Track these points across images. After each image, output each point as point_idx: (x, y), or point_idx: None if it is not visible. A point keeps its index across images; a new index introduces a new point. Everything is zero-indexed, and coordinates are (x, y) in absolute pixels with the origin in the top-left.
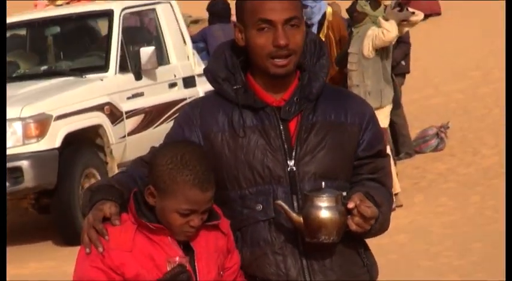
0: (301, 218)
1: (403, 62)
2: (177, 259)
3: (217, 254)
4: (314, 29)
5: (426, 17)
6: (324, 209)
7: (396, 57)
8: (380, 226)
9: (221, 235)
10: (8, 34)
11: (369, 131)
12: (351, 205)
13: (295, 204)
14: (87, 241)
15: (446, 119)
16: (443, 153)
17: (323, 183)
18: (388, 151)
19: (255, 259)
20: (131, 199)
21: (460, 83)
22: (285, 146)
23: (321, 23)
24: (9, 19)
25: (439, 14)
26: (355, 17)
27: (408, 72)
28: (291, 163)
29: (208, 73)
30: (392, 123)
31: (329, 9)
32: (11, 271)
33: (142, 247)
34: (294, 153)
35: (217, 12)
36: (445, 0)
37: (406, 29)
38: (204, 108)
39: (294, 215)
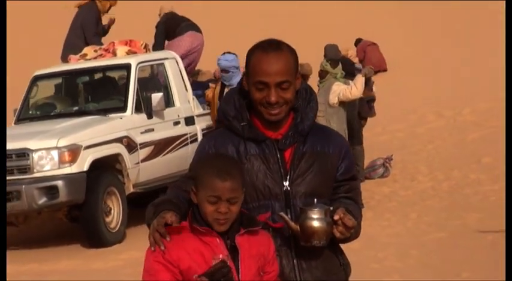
0: (298, 227)
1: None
2: (221, 256)
3: (258, 257)
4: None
5: (376, 72)
6: (316, 220)
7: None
8: (355, 233)
9: (263, 242)
10: (48, 82)
11: (346, 160)
12: (336, 217)
13: (289, 216)
14: (152, 241)
15: (390, 152)
16: (387, 179)
17: (315, 199)
18: None
19: None
20: (190, 211)
21: (401, 124)
22: (281, 170)
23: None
24: (49, 70)
25: (385, 70)
26: (319, 74)
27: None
28: (286, 183)
29: (220, 112)
30: (356, 157)
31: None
32: (47, 267)
33: (194, 246)
34: (288, 176)
35: None
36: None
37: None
38: (217, 140)
39: (292, 224)
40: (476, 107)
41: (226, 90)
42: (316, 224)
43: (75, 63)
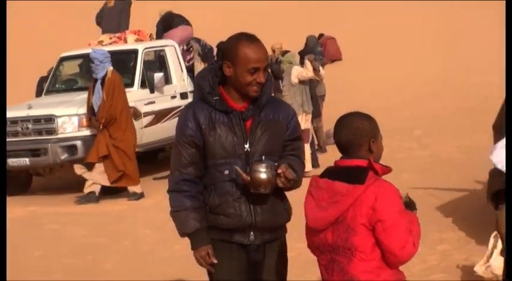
0: (249, 178)
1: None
2: None
3: None
4: (99, 83)
5: (332, 61)
6: (263, 173)
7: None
8: (296, 183)
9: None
10: (72, 62)
11: (292, 124)
12: (279, 171)
13: (248, 170)
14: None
15: None
16: None
17: (263, 157)
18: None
19: (221, 204)
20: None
21: (351, 101)
22: (244, 135)
23: (103, 79)
24: (73, 52)
25: (340, 59)
26: (281, 68)
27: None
28: (247, 145)
29: (197, 87)
30: (314, 127)
31: (110, 69)
32: (67, 210)
33: None
34: (248, 139)
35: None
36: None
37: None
38: (194, 109)
39: (244, 175)
40: (406, 95)
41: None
42: (262, 176)
43: (94, 48)
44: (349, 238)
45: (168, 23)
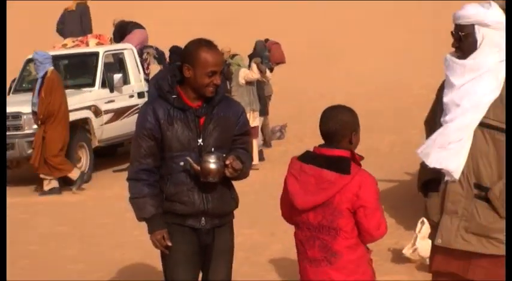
0: (199, 167)
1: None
2: None
3: None
4: (39, 82)
5: (277, 64)
6: (212, 163)
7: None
8: (243, 174)
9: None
10: None
11: (241, 120)
12: (227, 162)
13: (192, 163)
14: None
15: (285, 121)
16: (283, 140)
17: (212, 149)
18: (260, 140)
19: (176, 193)
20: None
21: (294, 102)
22: (197, 130)
23: (42, 78)
24: None
25: (284, 62)
26: (230, 70)
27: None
28: (200, 140)
29: (157, 86)
30: (263, 124)
31: (50, 69)
32: (32, 200)
33: None
34: (201, 134)
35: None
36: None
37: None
38: (154, 106)
39: (195, 166)
40: (346, 95)
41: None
42: (212, 166)
43: (59, 50)
44: (335, 219)
45: (123, 29)
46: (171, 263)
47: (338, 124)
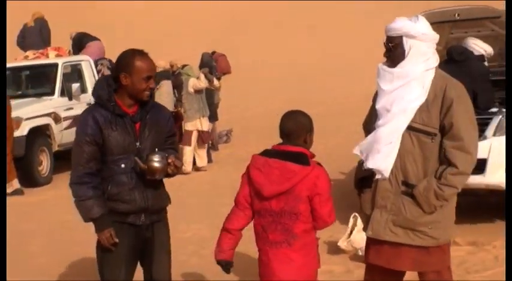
0: (146, 166)
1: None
2: None
3: None
4: None
5: (224, 74)
6: (157, 162)
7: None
8: (178, 171)
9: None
10: None
11: (169, 123)
12: (170, 160)
13: (140, 162)
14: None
15: (231, 126)
16: (229, 144)
17: (156, 149)
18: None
19: (118, 193)
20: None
21: (239, 108)
22: (135, 135)
23: None
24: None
25: (230, 72)
26: (180, 79)
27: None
28: (138, 143)
29: (96, 95)
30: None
31: None
32: None
33: None
34: (139, 138)
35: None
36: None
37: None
38: (95, 114)
39: (141, 165)
40: (284, 101)
41: None
42: (157, 164)
43: (21, 62)
44: (296, 205)
45: (80, 42)
46: (112, 260)
47: (295, 125)
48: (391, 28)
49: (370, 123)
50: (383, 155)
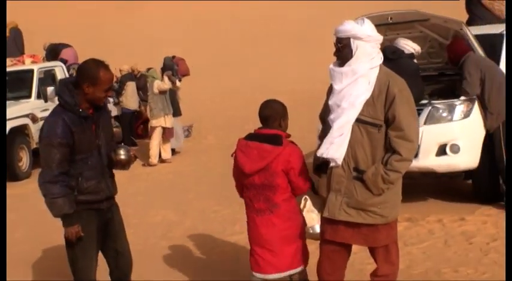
0: (116, 159)
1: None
2: None
3: None
4: None
5: (183, 76)
6: (125, 155)
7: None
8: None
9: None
10: None
11: (111, 121)
12: (132, 153)
13: (102, 157)
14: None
15: (192, 122)
16: (190, 138)
17: (122, 143)
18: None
19: (88, 186)
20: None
21: (199, 106)
22: (95, 133)
23: None
24: None
25: (188, 75)
26: (144, 80)
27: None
28: (98, 140)
29: (62, 100)
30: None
31: None
32: None
33: None
34: (97, 136)
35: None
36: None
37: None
38: (64, 117)
39: (119, 157)
40: (237, 101)
41: None
42: (125, 157)
43: None
44: (274, 179)
45: (54, 51)
46: (87, 244)
47: (270, 111)
48: (340, 30)
49: (325, 115)
50: (336, 145)
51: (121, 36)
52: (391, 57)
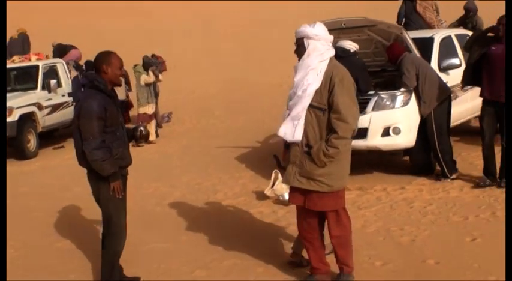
0: (141, 134)
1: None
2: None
3: None
4: None
5: (161, 71)
6: (145, 131)
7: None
8: None
9: None
10: None
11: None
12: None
13: (125, 130)
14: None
15: (171, 110)
16: (170, 123)
17: (141, 122)
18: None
19: (118, 153)
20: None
21: (177, 95)
22: (118, 110)
23: None
24: None
25: (166, 70)
26: (128, 75)
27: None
28: (119, 116)
29: (96, 84)
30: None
31: None
32: None
33: None
34: (119, 113)
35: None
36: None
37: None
38: (99, 97)
39: (137, 134)
40: (209, 90)
41: None
42: (146, 132)
43: (10, 64)
44: None
45: (61, 51)
46: (120, 203)
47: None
48: (296, 32)
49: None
50: (294, 127)
51: (120, 36)
52: (342, 55)
